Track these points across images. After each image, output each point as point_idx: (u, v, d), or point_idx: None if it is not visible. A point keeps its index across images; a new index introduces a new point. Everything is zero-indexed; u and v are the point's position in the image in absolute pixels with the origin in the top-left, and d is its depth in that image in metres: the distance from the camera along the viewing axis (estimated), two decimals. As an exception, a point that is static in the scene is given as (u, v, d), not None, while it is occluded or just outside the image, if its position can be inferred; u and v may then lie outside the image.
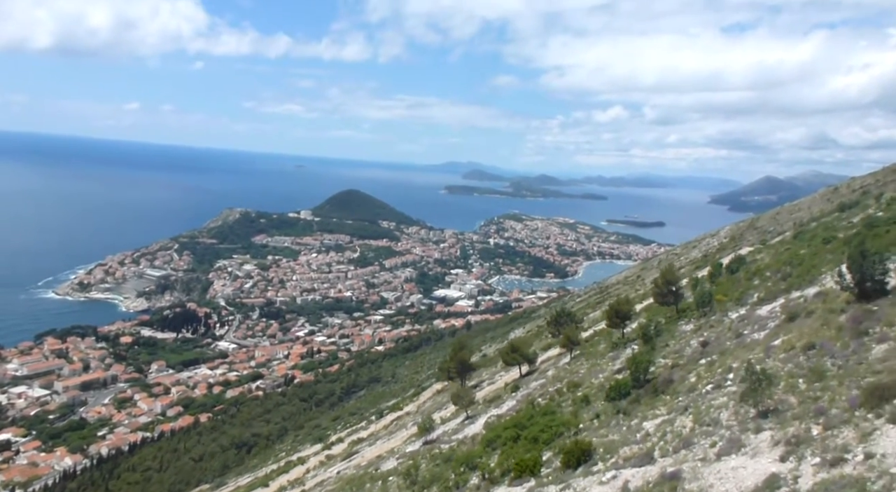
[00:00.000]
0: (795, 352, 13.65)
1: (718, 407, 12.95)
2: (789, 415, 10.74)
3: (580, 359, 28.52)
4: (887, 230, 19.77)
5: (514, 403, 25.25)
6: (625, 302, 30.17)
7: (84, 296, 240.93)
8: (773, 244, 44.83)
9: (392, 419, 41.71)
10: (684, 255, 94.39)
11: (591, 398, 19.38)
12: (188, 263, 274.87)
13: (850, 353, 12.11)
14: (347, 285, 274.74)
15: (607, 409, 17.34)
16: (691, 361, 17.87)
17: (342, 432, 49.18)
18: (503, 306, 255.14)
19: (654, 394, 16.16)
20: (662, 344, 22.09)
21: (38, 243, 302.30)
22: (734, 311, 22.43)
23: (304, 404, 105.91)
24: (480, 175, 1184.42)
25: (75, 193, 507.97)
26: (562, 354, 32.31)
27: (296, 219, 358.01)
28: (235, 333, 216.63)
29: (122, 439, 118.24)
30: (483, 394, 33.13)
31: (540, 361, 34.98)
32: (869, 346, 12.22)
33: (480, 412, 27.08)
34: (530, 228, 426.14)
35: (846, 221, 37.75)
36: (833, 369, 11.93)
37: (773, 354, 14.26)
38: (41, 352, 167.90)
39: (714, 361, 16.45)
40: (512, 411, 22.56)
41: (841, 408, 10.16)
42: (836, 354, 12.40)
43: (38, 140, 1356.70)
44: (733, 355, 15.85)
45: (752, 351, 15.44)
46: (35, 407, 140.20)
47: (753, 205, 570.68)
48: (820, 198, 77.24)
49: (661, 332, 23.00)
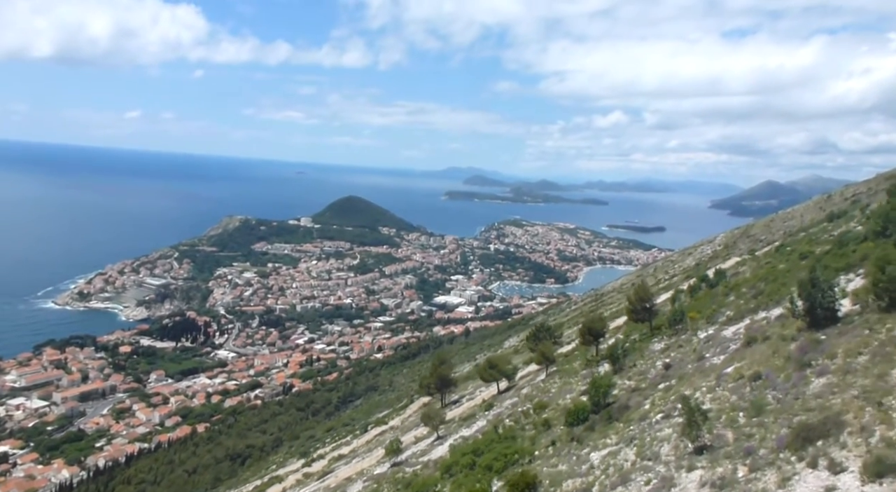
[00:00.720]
0: (743, 382, 13.59)
1: (661, 440, 12.87)
2: (722, 453, 10.67)
3: (555, 377, 28.44)
4: (853, 250, 19.62)
5: (484, 423, 25.14)
6: (598, 319, 30.04)
7: (84, 305, 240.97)
8: (759, 256, 44.68)
9: (375, 434, 41.57)
10: (679, 262, 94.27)
11: (553, 422, 19.30)
12: (188, 272, 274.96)
13: (791, 386, 12.02)
14: (347, 292, 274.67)
15: (564, 435, 17.24)
16: (651, 386, 17.80)
17: (328, 446, 49.03)
18: (503, 312, 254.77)
19: (609, 421, 16.08)
20: (630, 364, 22.02)
21: (37, 253, 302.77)
22: (704, 330, 22.34)
23: (300, 414, 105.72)
24: (481, 181, 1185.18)
25: (75, 202, 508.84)
26: (540, 370, 32.24)
27: (296, 226, 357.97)
28: (235, 342, 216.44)
29: (119, 450, 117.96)
30: (460, 411, 33.03)
31: (520, 375, 34.85)
32: (809, 379, 12.14)
33: (452, 432, 26.96)
34: (531, 233, 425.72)
35: (829, 233, 37.61)
36: (773, 402, 11.85)
37: (724, 382, 14.20)
38: (40, 363, 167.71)
39: (671, 387, 16.37)
40: (479, 433, 22.46)
41: (769, 448, 10.07)
42: (778, 387, 12.32)
43: (39, 149, 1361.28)
44: (689, 382, 15.77)
45: (707, 377, 15.35)
46: (33, 419, 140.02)
47: (754, 210, 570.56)
48: (813, 205, 77.11)
49: (629, 352, 22.88)
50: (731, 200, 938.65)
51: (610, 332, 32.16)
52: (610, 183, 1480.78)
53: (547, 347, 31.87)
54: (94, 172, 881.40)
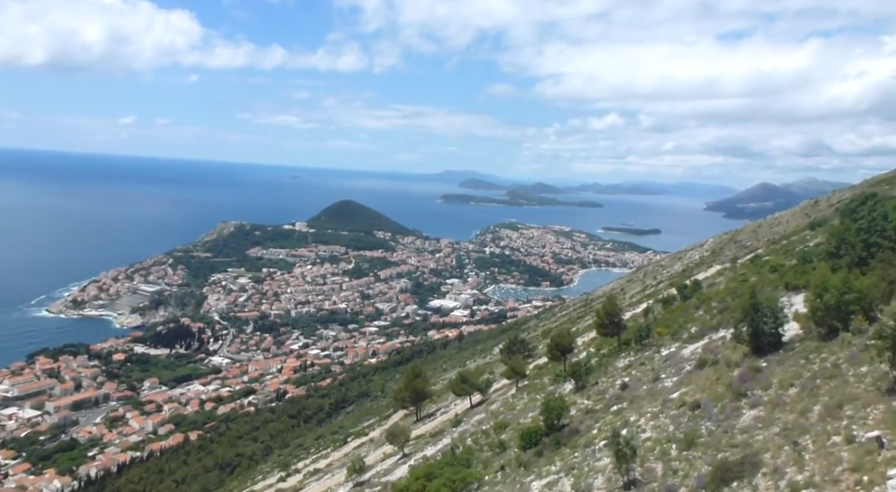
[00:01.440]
0: (684, 409, 13.64)
1: (598, 471, 12.90)
2: (647, 489, 10.67)
3: (524, 392, 28.44)
4: (814, 268, 19.59)
5: (448, 441, 25.12)
6: (566, 334, 30.02)
7: (78, 313, 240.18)
8: (737, 266, 44.69)
9: (354, 447, 41.44)
10: (669, 267, 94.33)
11: (508, 444, 19.31)
12: (182, 278, 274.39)
13: (724, 418, 12.07)
14: (342, 297, 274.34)
15: (514, 460, 17.23)
16: (605, 408, 17.82)
17: (310, 457, 48.90)
18: (498, 316, 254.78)
19: (557, 446, 16.09)
20: (593, 382, 22.02)
21: (31, 261, 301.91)
22: (668, 347, 22.36)
23: (292, 421, 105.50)
24: (477, 184, 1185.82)
25: (70, 209, 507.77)
26: (512, 384, 32.22)
27: (291, 231, 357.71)
28: (229, 348, 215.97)
29: (111, 459, 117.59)
30: (433, 426, 32.94)
31: (495, 388, 34.81)
32: (741, 411, 12.18)
33: (419, 449, 26.92)
34: (526, 236, 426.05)
35: (804, 244, 37.67)
36: (705, 434, 11.89)
37: (668, 409, 14.23)
38: (33, 372, 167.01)
39: (622, 410, 16.40)
40: (440, 453, 22.41)
41: (689, 487, 10.08)
42: (712, 418, 12.36)
43: (34, 156, 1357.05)
44: (638, 406, 15.79)
45: (654, 402, 15.38)
46: (26, 428, 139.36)
47: (749, 212, 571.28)
48: (800, 211, 77.33)
49: (594, 369, 22.87)
50: (726, 203, 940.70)
51: (585, 344, 32.13)
52: (605, 185, 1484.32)
53: (517, 361, 31.84)
54: (88, 178, 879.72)
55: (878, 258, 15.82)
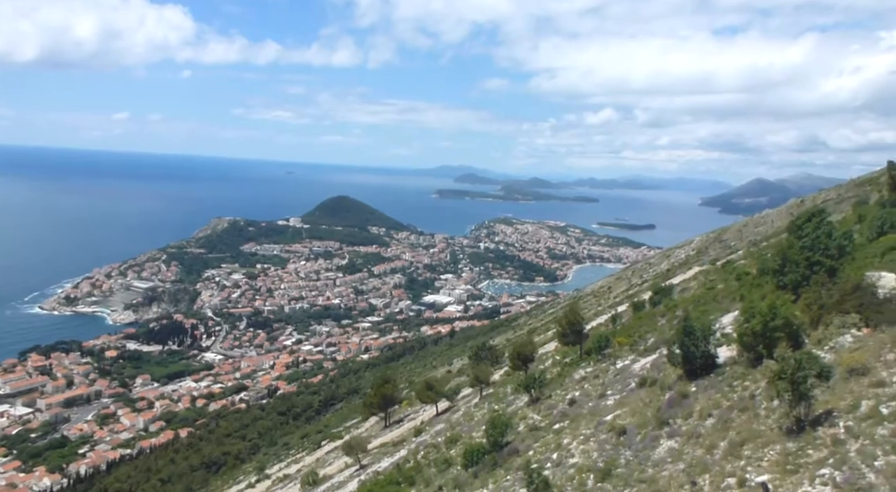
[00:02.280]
0: (612, 435, 13.74)
1: None
2: None
3: (486, 401, 28.51)
4: (767, 281, 19.63)
5: (405, 452, 25.18)
6: (527, 344, 30.09)
7: (71, 310, 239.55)
8: (713, 269, 44.70)
9: (327, 451, 41.46)
10: (657, 265, 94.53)
11: (454, 460, 19.37)
12: (176, 274, 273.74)
13: (642, 448, 12.17)
14: (336, 293, 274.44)
15: (451, 481, 17.28)
16: (548, 426, 17.92)
17: (286, 460, 48.98)
18: (492, 311, 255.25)
19: (494, 467, 16.18)
20: (547, 395, 22.07)
21: (24, 258, 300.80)
22: (623, 359, 22.43)
23: (281, 418, 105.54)
24: (472, 178, 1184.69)
25: (63, 205, 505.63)
26: (476, 393, 32.20)
27: (285, 226, 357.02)
28: (222, 344, 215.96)
29: (101, 456, 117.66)
30: (398, 434, 33.01)
31: (463, 395, 34.84)
32: (659, 442, 12.30)
33: (375, 461, 26.98)
34: (521, 231, 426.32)
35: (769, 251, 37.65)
36: (622, 465, 12.00)
37: (599, 432, 14.33)
38: (25, 369, 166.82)
39: (562, 430, 16.49)
40: (393, 466, 22.48)
41: None
42: (633, 446, 12.47)
43: (27, 153, 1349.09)
44: (576, 427, 15.89)
45: (591, 423, 15.49)
46: (17, 426, 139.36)
47: (744, 207, 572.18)
48: (786, 211, 77.37)
49: (548, 381, 22.90)
50: (720, 198, 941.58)
51: (554, 351, 32.17)
52: (601, 180, 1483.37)
53: (482, 369, 31.92)
54: (82, 174, 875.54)
55: (813, 280, 15.90)
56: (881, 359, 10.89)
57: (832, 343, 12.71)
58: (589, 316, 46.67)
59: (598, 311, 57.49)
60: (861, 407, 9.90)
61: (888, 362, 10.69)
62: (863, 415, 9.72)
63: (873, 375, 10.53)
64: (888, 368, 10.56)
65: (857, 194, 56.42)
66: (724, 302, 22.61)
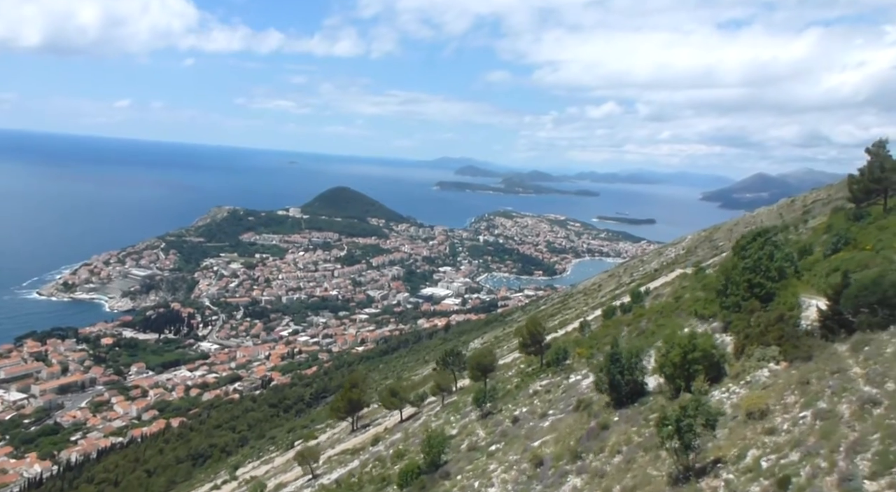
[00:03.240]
0: (531, 466, 13.68)
1: None
2: None
3: (446, 411, 28.44)
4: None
5: (356, 464, 25.18)
6: (487, 353, 30.01)
7: (69, 296, 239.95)
8: (691, 273, 44.47)
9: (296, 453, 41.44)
10: (649, 262, 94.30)
11: (392, 478, 19.31)
12: (174, 263, 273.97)
13: (550, 484, 12.11)
14: (334, 284, 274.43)
15: None
16: (486, 447, 17.88)
17: (259, 459, 49.12)
18: (490, 305, 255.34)
19: (422, 490, 16.11)
20: (499, 409, 22.00)
21: (24, 243, 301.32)
22: (577, 373, 22.34)
23: (272, 410, 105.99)
24: (473, 171, 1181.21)
25: (63, 191, 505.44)
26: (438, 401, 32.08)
27: (284, 216, 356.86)
28: (219, 333, 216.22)
29: (93, 444, 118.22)
30: (359, 441, 32.92)
31: (429, 401, 34.80)
32: (567, 478, 12.21)
33: (328, 471, 26.95)
34: (520, 225, 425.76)
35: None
36: None
37: (522, 461, 14.26)
38: (20, 355, 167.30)
39: (495, 453, 16.43)
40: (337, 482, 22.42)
41: None
42: (544, 481, 12.41)
43: (28, 138, 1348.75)
44: (507, 450, 15.82)
45: (519, 449, 15.39)
46: (11, 411, 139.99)
47: (745, 202, 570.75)
48: (776, 210, 77.13)
49: (505, 394, 22.83)
50: (722, 193, 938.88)
51: (521, 359, 32.06)
52: (602, 174, 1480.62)
53: (444, 377, 31.86)
54: (83, 161, 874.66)
55: (744, 307, 15.77)
56: (782, 401, 10.79)
57: (749, 377, 12.62)
58: (570, 317, 46.62)
59: (580, 312, 57.35)
60: (746, 457, 9.78)
61: (787, 406, 10.59)
62: (745, 467, 9.60)
63: (769, 420, 10.43)
64: (786, 412, 10.45)
65: (847, 195, 56.01)
66: (682, 316, 22.44)
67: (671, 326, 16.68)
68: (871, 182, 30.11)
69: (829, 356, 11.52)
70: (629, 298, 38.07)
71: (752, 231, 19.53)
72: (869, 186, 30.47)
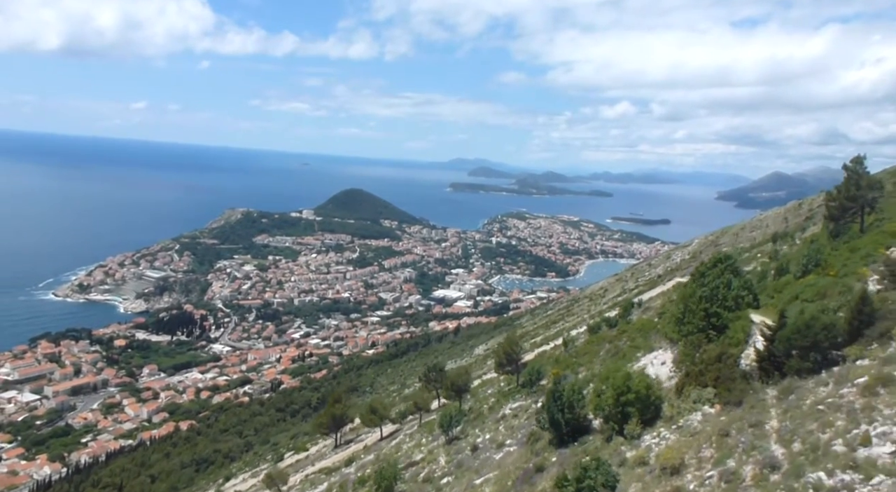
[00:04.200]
0: None
1: None
2: None
3: (420, 432, 28.07)
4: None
5: (324, 487, 24.87)
6: (463, 373, 29.64)
7: (84, 297, 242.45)
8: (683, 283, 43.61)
9: (288, 464, 41.35)
10: (657, 266, 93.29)
11: None
12: (188, 264, 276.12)
13: None
14: (346, 286, 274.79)
15: None
16: (438, 478, 17.49)
17: (254, 467, 49.07)
18: (502, 307, 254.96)
19: None
20: (465, 434, 21.61)
21: (40, 244, 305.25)
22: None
23: (279, 415, 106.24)
24: (487, 172, 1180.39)
25: (81, 193, 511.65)
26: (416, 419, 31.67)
27: (297, 218, 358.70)
28: (231, 336, 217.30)
29: (102, 447, 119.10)
30: (340, 458, 32.58)
31: (410, 418, 34.49)
32: None
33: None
34: (533, 226, 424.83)
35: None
36: None
37: None
38: (34, 356, 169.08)
39: (444, 487, 16.05)
40: None
41: None
42: None
43: (47, 140, 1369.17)
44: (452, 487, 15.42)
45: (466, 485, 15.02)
46: (24, 413, 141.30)
47: (761, 201, 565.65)
48: (783, 213, 75.92)
49: (473, 418, 22.41)
50: (738, 192, 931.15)
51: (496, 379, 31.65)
52: (616, 174, 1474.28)
53: (421, 397, 31.53)
54: (100, 162, 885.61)
55: (689, 341, 15.31)
56: (699, 454, 10.38)
57: (682, 421, 12.21)
58: (567, 327, 46.04)
59: (579, 321, 56.74)
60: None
61: (702, 461, 10.18)
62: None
63: (680, 476, 10.01)
64: (698, 468, 10.05)
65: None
66: (655, 337, 21.92)
67: (644, 348, 16.31)
68: (846, 200, 29.51)
69: (755, 403, 11.08)
70: (612, 315, 37.45)
71: (713, 256, 19.02)
72: (845, 204, 29.84)
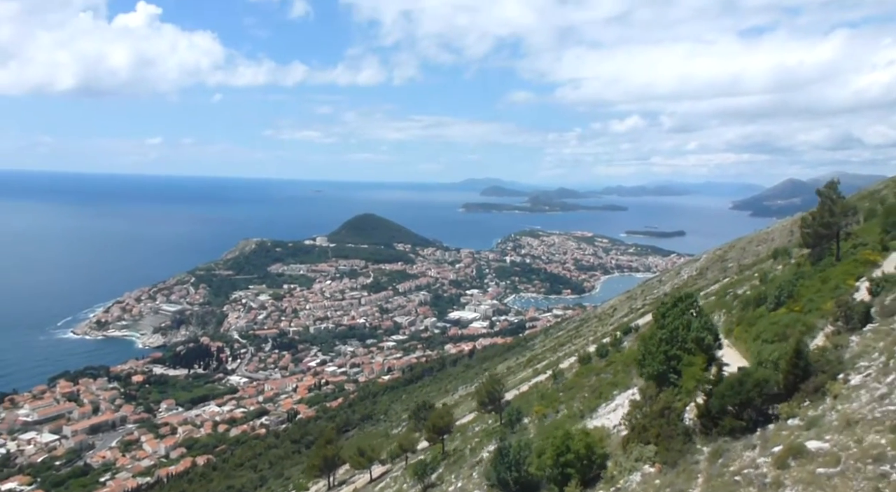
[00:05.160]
0: None
1: None
2: None
3: (404, 476, 27.54)
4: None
5: None
6: (445, 414, 29.18)
7: (102, 334, 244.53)
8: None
9: None
10: (667, 282, 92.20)
11: None
12: (204, 297, 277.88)
13: None
14: (361, 312, 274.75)
15: None
16: None
17: None
18: (518, 326, 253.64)
19: None
20: (440, 481, 21.19)
21: (59, 283, 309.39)
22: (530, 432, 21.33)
23: (294, 447, 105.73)
24: (499, 191, 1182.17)
25: (97, 230, 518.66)
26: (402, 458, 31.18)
27: (311, 246, 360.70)
28: (248, 366, 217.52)
29: (121, 485, 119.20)
30: None
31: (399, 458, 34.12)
32: None
33: None
34: (547, 243, 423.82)
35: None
36: None
37: None
38: (53, 395, 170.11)
39: None
40: None
41: None
42: None
43: (65, 179, 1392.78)
44: None
45: None
46: (43, 453, 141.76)
47: (776, 209, 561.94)
48: (789, 225, 74.82)
49: (451, 461, 22.00)
50: (752, 201, 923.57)
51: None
52: (629, 188, 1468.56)
53: (407, 438, 31.10)
54: (117, 199, 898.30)
55: (641, 390, 14.85)
56: None
57: (622, 482, 11.78)
58: (574, 349, 45.41)
59: (584, 343, 55.98)
60: None
61: None
62: None
63: None
64: None
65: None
66: (633, 373, 21.43)
67: (621, 385, 15.93)
68: (820, 227, 28.90)
69: (686, 467, 10.67)
70: (611, 339, 36.91)
71: (673, 295, 18.61)
72: (819, 231, 29.21)
